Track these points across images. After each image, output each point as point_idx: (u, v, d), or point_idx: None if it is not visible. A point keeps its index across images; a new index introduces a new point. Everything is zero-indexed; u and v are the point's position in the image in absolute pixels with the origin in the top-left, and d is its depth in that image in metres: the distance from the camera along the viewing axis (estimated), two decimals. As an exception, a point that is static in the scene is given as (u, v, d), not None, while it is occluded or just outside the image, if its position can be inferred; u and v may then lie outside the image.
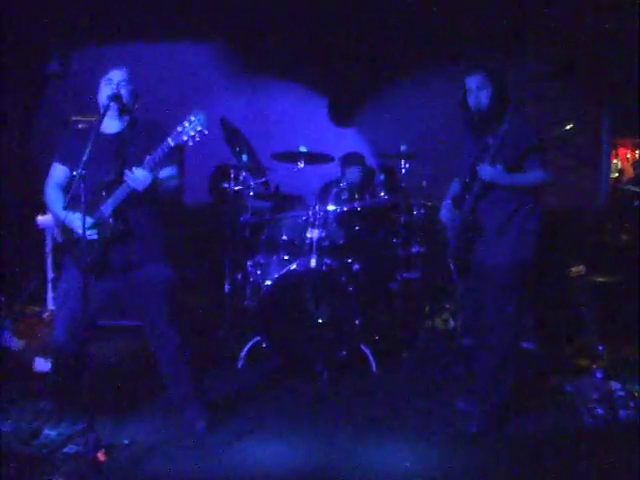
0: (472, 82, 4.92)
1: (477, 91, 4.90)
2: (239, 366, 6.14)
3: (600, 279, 6.72)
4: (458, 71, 5.27)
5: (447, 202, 5.27)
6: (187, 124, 4.34)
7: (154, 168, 4.44)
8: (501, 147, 4.77)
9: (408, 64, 8.54)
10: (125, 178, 4.43)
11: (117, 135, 4.73)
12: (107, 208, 4.52)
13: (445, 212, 5.25)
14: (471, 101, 4.94)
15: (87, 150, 4.22)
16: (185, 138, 4.34)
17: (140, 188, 4.42)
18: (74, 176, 4.31)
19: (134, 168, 4.40)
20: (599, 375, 5.65)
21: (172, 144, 4.37)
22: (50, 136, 5.95)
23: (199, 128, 4.33)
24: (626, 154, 9.35)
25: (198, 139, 4.35)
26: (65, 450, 4.26)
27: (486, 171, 4.80)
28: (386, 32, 8.06)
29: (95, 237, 4.50)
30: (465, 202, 5.00)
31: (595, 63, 7.98)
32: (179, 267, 4.97)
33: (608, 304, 6.34)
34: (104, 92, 4.69)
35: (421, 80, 8.57)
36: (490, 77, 4.90)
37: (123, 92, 4.68)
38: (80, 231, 4.34)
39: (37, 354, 5.88)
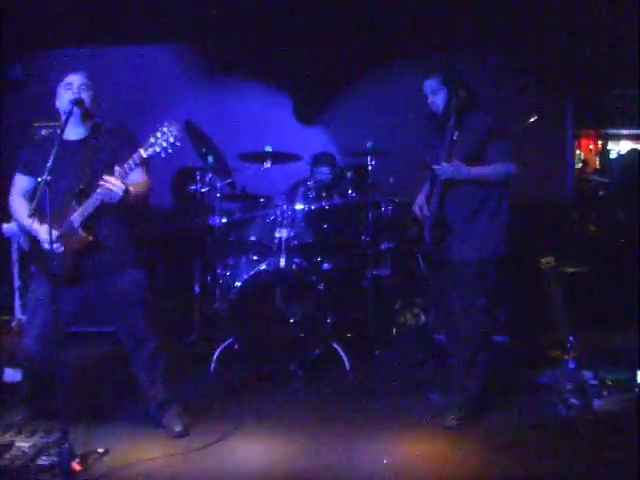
0: (427, 86, 5.02)
1: (432, 95, 4.97)
2: (212, 369, 6.10)
3: (569, 270, 6.77)
4: (420, 67, 5.30)
5: (420, 198, 5.28)
6: (159, 135, 4.29)
7: (125, 177, 4.39)
8: (455, 142, 4.81)
9: (373, 61, 8.53)
10: (99, 189, 4.37)
11: (82, 141, 4.67)
12: (77, 219, 4.47)
13: (417, 208, 5.26)
14: (430, 105, 5.01)
15: (51, 157, 4.14)
16: (158, 149, 4.30)
17: (114, 199, 4.38)
18: (39, 183, 4.23)
19: (106, 177, 4.34)
20: (571, 365, 5.67)
21: (145, 155, 4.32)
22: (13, 143, 5.87)
23: (171, 139, 4.29)
24: (588, 145, 9.44)
25: (170, 151, 4.31)
26: (39, 462, 4.19)
27: (443, 169, 4.84)
28: (350, 30, 8.05)
29: (62, 249, 4.44)
30: (432, 200, 5.02)
31: (558, 55, 8.02)
32: (148, 271, 4.93)
33: (578, 294, 6.37)
34: (64, 97, 4.63)
35: (386, 77, 8.56)
36: (444, 79, 4.93)
37: (84, 96, 4.62)
38: (46, 243, 4.29)
39: (6, 364, 5.80)
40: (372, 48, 8.28)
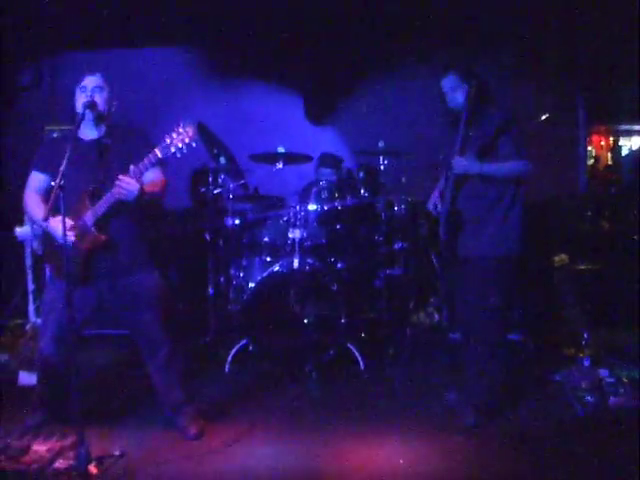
0: (446, 84, 5.03)
1: (451, 92, 4.97)
2: (226, 370, 6.10)
3: (583, 267, 6.74)
4: (431, 66, 5.29)
5: (435, 194, 5.28)
6: (175, 135, 4.29)
7: (140, 178, 4.39)
8: (468, 137, 4.80)
9: (384, 61, 8.52)
10: (114, 189, 4.37)
11: (96, 142, 4.68)
12: (90, 218, 4.47)
13: (431, 205, 5.25)
14: (449, 102, 5.00)
15: (65, 158, 4.14)
16: (173, 150, 4.29)
17: (129, 198, 4.38)
18: (53, 187, 4.23)
19: (121, 176, 4.34)
20: (586, 363, 5.65)
21: (160, 155, 4.32)
22: (24, 148, 5.89)
23: (187, 140, 4.28)
24: (600, 141, 9.40)
25: (185, 151, 4.31)
26: (56, 465, 4.19)
27: (457, 163, 4.84)
28: (360, 29, 8.03)
29: (74, 240, 4.43)
30: (445, 196, 5.02)
31: (569, 52, 8.00)
32: (163, 273, 4.94)
33: (591, 292, 6.35)
34: (79, 99, 4.64)
35: (397, 76, 8.55)
36: (463, 76, 4.94)
37: (98, 99, 4.62)
38: (60, 237, 4.30)
39: (21, 368, 5.82)
40: (383, 47, 8.26)
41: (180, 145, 4.28)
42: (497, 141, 4.85)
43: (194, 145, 4.31)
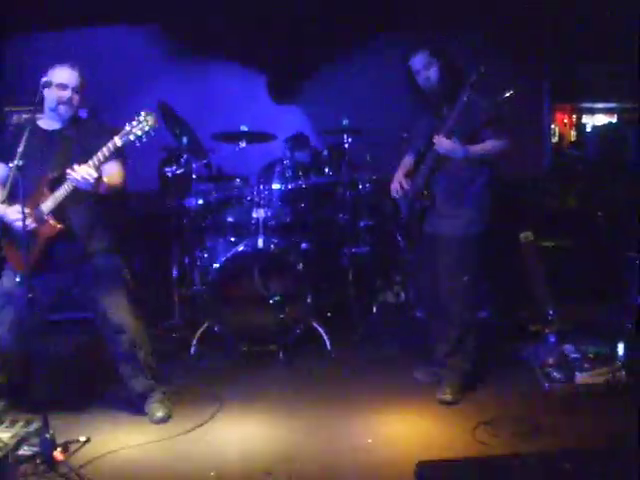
0: (417, 63, 4.94)
1: (424, 70, 4.91)
2: (192, 352, 6.05)
3: (548, 244, 6.77)
4: (395, 44, 5.24)
5: (398, 173, 5.25)
6: (135, 123, 4.24)
7: (99, 167, 4.32)
8: (458, 121, 4.76)
9: (348, 38, 8.46)
10: (67, 176, 4.30)
11: (58, 132, 4.61)
12: (47, 206, 4.40)
13: (395, 184, 5.22)
14: (421, 81, 4.94)
15: (23, 140, 4.08)
16: (132, 138, 4.24)
17: (84, 186, 4.30)
18: (11, 169, 4.15)
19: (76, 165, 4.26)
20: (552, 339, 5.72)
21: (119, 144, 4.27)
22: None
23: (147, 128, 4.24)
24: (563, 119, 9.43)
25: (145, 139, 4.26)
26: (20, 452, 4.14)
27: (443, 144, 4.79)
28: (326, 6, 7.97)
29: (33, 226, 4.36)
30: (418, 173, 4.99)
31: (532, 29, 8.00)
32: (125, 256, 4.88)
33: (557, 268, 6.38)
34: (50, 96, 4.55)
35: (361, 54, 8.50)
36: (433, 53, 4.89)
37: (65, 92, 4.53)
38: (15, 225, 4.24)
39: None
40: (347, 25, 8.20)
41: (139, 133, 4.24)
42: (484, 128, 4.83)
43: (153, 134, 4.26)
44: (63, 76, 4.55)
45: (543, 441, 4.32)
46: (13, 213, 4.35)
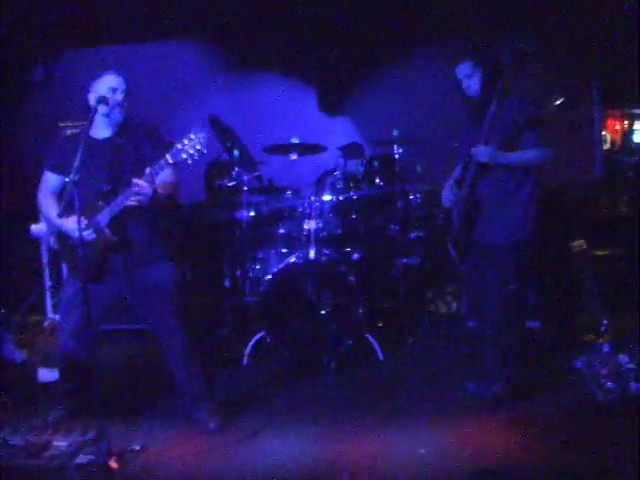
0: (461, 70, 4.98)
1: (466, 79, 4.93)
2: (244, 363, 6.10)
3: (600, 252, 6.70)
4: (445, 53, 5.24)
5: (449, 183, 5.26)
6: (187, 142, 4.28)
7: (153, 181, 4.39)
8: (493, 127, 4.76)
9: (397, 49, 8.48)
10: (127, 192, 4.37)
11: (109, 140, 4.68)
12: (104, 218, 4.48)
13: (447, 193, 5.22)
14: (464, 88, 4.96)
15: (78, 155, 4.15)
16: (184, 156, 4.28)
17: (143, 202, 4.38)
18: (67, 183, 4.23)
19: (135, 181, 4.33)
20: (606, 349, 5.62)
21: (171, 162, 4.32)
22: (38, 144, 5.90)
23: (198, 147, 4.27)
24: (614, 125, 9.34)
25: (197, 158, 4.30)
26: (77, 460, 4.19)
27: (481, 152, 4.81)
28: (371, 17, 7.99)
29: (93, 236, 4.45)
30: (465, 182, 4.99)
31: (583, 35, 7.94)
32: (179, 266, 4.94)
33: (610, 277, 6.31)
34: (93, 96, 4.63)
35: (409, 64, 8.52)
36: (477, 63, 4.90)
37: (110, 96, 4.60)
38: (76, 234, 4.32)
39: (40, 364, 5.84)
40: (396, 35, 8.21)
41: (192, 152, 4.28)
42: (520, 134, 4.82)
43: (205, 152, 4.30)
44: (112, 81, 4.65)
45: (596, 453, 4.26)
46: (73, 223, 4.44)
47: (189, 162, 4.31)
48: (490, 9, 7.80)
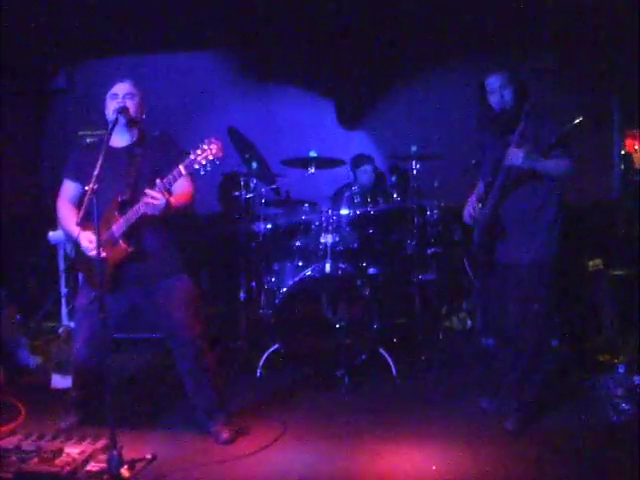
0: (495, 82, 4.90)
1: (501, 90, 4.87)
2: (258, 375, 6.10)
3: (617, 272, 6.66)
4: (463, 70, 5.24)
5: (471, 199, 5.22)
6: (200, 152, 4.28)
7: (167, 191, 4.41)
8: (525, 136, 4.73)
9: (415, 65, 8.50)
10: (141, 203, 4.40)
11: (126, 149, 4.72)
12: (118, 229, 4.50)
13: (469, 209, 5.19)
14: (494, 101, 4.91)
15: (98, 165, 4.15)
16: (197, 167, 4.29)
17: (156, 212, 4.40)
18: (86, 191, 4.25)
19: (148, 191, 4.35)
20: (622, 370, 5.58)
21: (184, 172, 4.33)
22: (59, 151, 5.94)
23: (211, 157, 4.27)
24: (633, 145, 9.30)
25: (210, 168, 4.31)
26: (88, 468, 4.18)
27: (515, 154, 4.72)
28: (391, 33, 8.01)
29: (104, 254, 4.46)
30: (488, 199, 4.96)
31: (602, 54, 7.93)
32: (194, 277, 4.95)
33: (627, 297, 6.27)
34: (110, 106, 4.66)
35: (429, 79, 8.53)
36: (511, 75, 4.88)
37: (129, 104, 4.65)
38: (88, 252, 4.35)
39: (54, 371, 5.86)
40: (414, 51, 8.24)
41: (204, 162, 4.28)
42: (550, 150, 4.80)
43: (218, 163, 4.30)
44: (128, 87, 4.71)
45: (610, 475, 4.24)
46: (85, 241, 4.49)
47: (202, 173, 4.32)
48: (510, 27, 7.79)
